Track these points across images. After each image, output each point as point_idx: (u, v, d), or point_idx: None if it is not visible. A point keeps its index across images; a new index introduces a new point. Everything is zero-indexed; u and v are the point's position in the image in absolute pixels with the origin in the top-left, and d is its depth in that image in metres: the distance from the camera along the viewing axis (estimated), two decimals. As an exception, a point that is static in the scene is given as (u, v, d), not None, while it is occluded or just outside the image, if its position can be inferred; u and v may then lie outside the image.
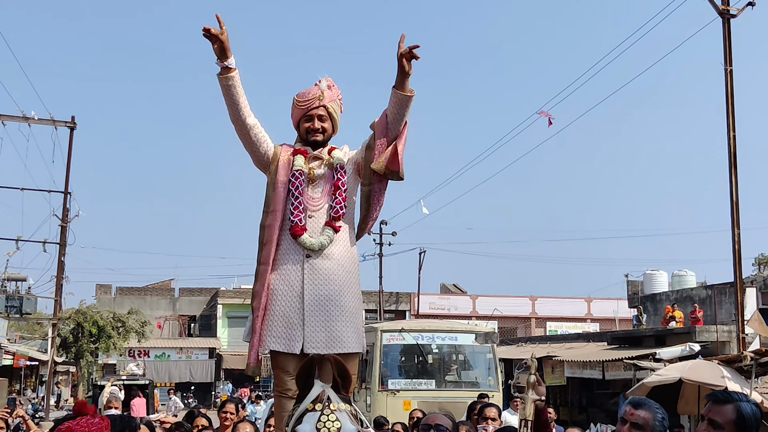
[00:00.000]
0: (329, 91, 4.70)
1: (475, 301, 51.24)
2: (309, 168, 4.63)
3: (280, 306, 4.47)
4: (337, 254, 4.57)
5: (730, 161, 17.69)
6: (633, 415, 3.50)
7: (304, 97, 4.67)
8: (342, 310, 4.47)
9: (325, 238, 4.52)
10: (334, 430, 2.84)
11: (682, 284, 33.72)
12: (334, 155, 4.70)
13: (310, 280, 4.47)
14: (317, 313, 4.42)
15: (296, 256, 4.53)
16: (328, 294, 4.46)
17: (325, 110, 4.68)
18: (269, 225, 4.57)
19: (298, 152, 4.67)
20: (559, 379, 25.71)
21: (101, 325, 40.76)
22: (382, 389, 17.32)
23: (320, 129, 4.68)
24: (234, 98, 4.54)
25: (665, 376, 14.01)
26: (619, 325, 42.49)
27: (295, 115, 4.75)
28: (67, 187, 30.60)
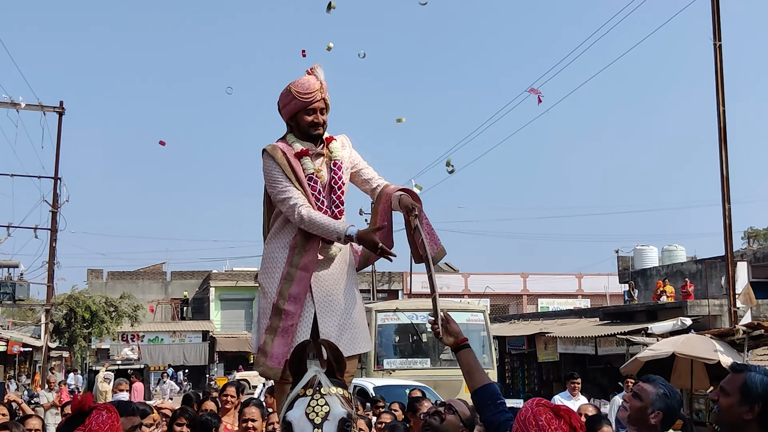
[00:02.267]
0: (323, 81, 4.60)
1: (467, 280, 51.42)
2: (317, 171, 4.57)
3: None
4: (339, 256, 4.59)
5: (720, 136, 17.75)
6: (638, 386, 3.67)
7: (305, 90, 4.52)
8: (350, 313, 4.51)
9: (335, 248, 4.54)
10: (323, 413, 2.84)
11: (672, 259, 33.92)
12: (332, 149, 4.65)
13: (317, 287, 4.47)
14: (329, 320, 4.43)
15: None
16: (336, 300, 4.48)
17: (324, 102, 4.59)
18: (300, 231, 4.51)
19: (303, 154, 4.58)
20: (552, 356, 25.90)
21: (94, 310, 40.75)
22: (378, 369, 17.42)
23: (322, 122, 4.60)
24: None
25: (658, 351, 14.11)
26: (610, 301, 42.72)
27: (293, 107, 4.58)
28: (57, 173, 30.53)
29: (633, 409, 3.59)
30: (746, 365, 3.30)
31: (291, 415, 2.88)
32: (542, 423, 3.00)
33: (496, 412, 3.51)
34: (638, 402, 3.58)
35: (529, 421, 3.03)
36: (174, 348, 46.72)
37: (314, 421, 2.82)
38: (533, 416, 3.04)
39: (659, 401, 3.54)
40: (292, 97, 4.56)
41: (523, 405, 3.21)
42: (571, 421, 3.03)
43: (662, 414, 3.53)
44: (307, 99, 4.53)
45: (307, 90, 4.52)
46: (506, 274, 51.87)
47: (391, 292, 50.75)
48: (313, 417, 2.83)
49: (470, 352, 3.75)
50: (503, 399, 3.61)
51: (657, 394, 3.56)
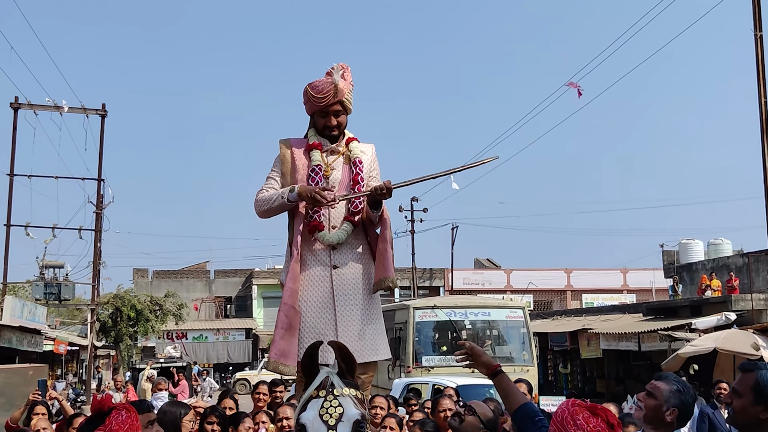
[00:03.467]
0: (343, 81, 4.59)
1: (510, 276, 51.11)
2: (326, 164, 4.59)
3: (310, 317, 4.47)
4: (362, 262, 4.60)
5: (762, 128, 17.40)
6: (651, 384, 3.64)
7: (318, 93, 4.57)
8: (371, 319, 4.51)
9: (342, 233, 4.51)
10: (337, 415, 2.84)
11: (718, 253, 33.36)
12: (351, 148, 4.67)
13: (340, 293, 4.48)
14: (349, 324, 4.44)
15: (323, 262, 4.53)
16: (356, 304, 4.48)
17: (340, 105, 4.61)
18: (295, 226, 4.57)
19: (313, 147, 4.63)
20: (594, 352, 25.63)
21: (139, 309, 41.23)
22: (416, 366, 17.37)
23: (336, 125, 4.63)
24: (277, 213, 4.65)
25: (700, 347, 13.93)
26: (656, 296, 42.20)
27: (309, 108, 4.68)
28: (101, 174, 30.91)
29: (648, 407, 3.56)
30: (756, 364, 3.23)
31: (305, 417, 2.87)
32: (580, 422, 3.03)
33: (535, 429, 3.53)
34: (652, 400, 3.55)
35: (567, 421, 3.05)
36: (218, 346, 47.22)
37: (328, 423, 2.82)
38: (570, 416, 3.06)
39: (673, 398, 3.52)
40: (307, 98, 4.64)
41: (557, 407, 3.23)
42: (608, 419, 3.04)
43: (677, 411, 3.50)
44: (321, 102, 4.57)
45: (320, 93, 4.57)
46: (549, 269, 51.45)
47: (432, 288, 50.67)
48: (327, 418, 2.82)
49: (504, 377, 3.74)
50: (541, 415, 3.63)
51: (671, 391, 3.53)
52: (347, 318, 4.45)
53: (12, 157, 29.23)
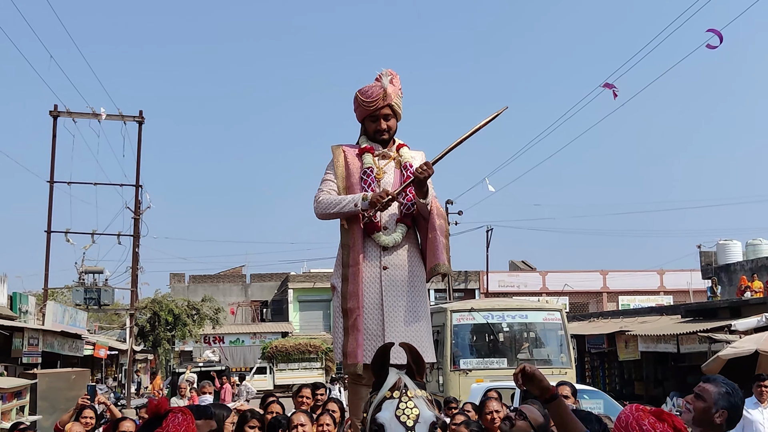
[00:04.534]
0: (392, 86, 4.70)
1: (545, 278, 50.84)
2: (378, 167, 4.68)
3: (362, 319, 4.54)
4: (412, 266, 4.65)
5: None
6: (700, 387, 3.63)
7: (368, 97, 4.68)
8: (418, 320, 4.56)
9: (398, 235, 4.60)
10: (414, 416, 2.90)
11: (756, 253, 32.94)
12: (402, 153, 4.76)
13: (389, 290, 4.55)
14: (396, 324, 4.50)
15: (374, 265, 4.60)
16: (405, 305, 4.54)
17: (389, 109, 4.70)
18: (351, 227, 4.64)
19: (365, 150, 4.73)
20: (633, 354, 25.41)
21: (176, 314, 41.61)
22: (454, 369, 17.37)
23: (386, 128, 4.73)
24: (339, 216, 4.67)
25: (741, 348, 13.78)
26: (694, 297, 41.72)
27: (359, 113, 4.80)
28: (138, 180, 31.32)
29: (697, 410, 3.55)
30: None
31: (381, 417, 2.95)
32: (646, 427, 3.02)
33: None
34: (701, 403, 3.54)
35: (632, 426, 3.04)
36: (255, 349, 47.42)
37: (406, 424, 2.89)
38: (636, 421, 3.05)
39: (722, 400, 3.51)
40: (357, 104, 4.76)
41: (621, 412, 3.20)
42: (674, 424, 3.03)
43: (727, 412, 3.49)
44: (371, 106, 4.68)
45: (370, 98, 4.68)
46: (585, 271, 51.04)
47: (467, 291, 50.53)
48: (405, 420, 2.90)
49: (561, 403, 3.51)
50: None
51: (720, 393, 3.52)
52: (394, 319, 4.50)
53: (52, 164, 29.74)
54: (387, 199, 4.44)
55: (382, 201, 4.42)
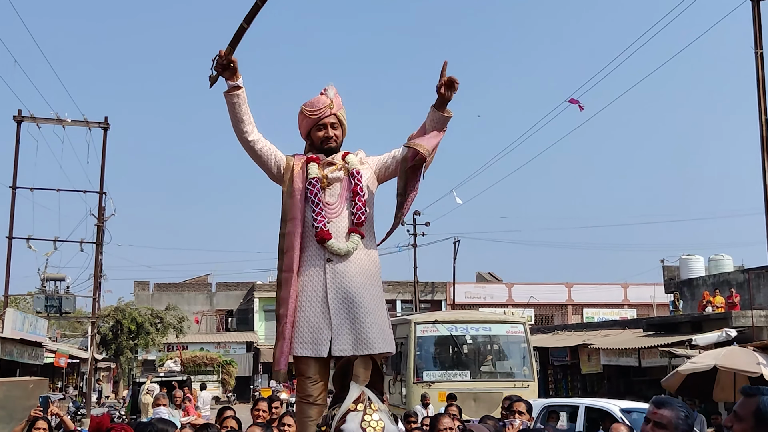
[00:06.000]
0: (337, 99, 4.80)
1: (511, 290, 51.05)
2: (323, 174, 4.68)
3: (305, 312, 4.53)
4: (358, 257, 4.62)
5: (762, 144, 17.46)
6: (656, 414, 3.50)
7: (313, 107, 4.75)
8: (366, 312, 4.48)
9: (351, 244, 4.58)
10: (380, 428, 2.92)
11: (719, 268, 33.33)
12: (348, 160, 4.77)
13: (333, 285, 4.52)
14: (343, 316, 4.46)
15: (318, 261, 4.59)
16: (351, 297, 4.50)
17: (335, 118, 4.78)
18: (289, 233, 4.64)
19: (311, 160, 4.74)
20: (595, 367, 25.59)
21: (140, 322, 41.28)
22: (417, 381, 17.39)
23: (333, 137, 4.77)
24: (238, 115, 4.66)
25: (700, 364, 13.89)
26: (657, 311, 42.11)
27: (305, 125, 4.84)
28: (102, 187, 31.03)
29: None
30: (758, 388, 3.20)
31: (347, 429, 2.95)
32: None
33: None
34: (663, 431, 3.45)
35: None
36: (219, 359, 47.18)
37: None
38: None
39: (683, 424, 3.44)
40: (303, 116, 4.82)
41: None
42: None
43: None
44: (316, 115, 4.75)
45: (315, 107, 4.75)
46: (551, 283, 51.36)
47: (434, 302, 50.60)
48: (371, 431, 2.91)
49: None
50: None
51: (679, 418, 3.43)
52: (340, 310, 4.47)
53: (14, 169, 29.35)
54: (222, 56, 4.50)
55: (220, 59, 4.49)
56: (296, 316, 4.54)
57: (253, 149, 4.76)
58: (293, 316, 4.53)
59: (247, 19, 4.51)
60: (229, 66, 4.54)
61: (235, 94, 4.61)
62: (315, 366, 4.45)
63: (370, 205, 4.81)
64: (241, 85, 4.63)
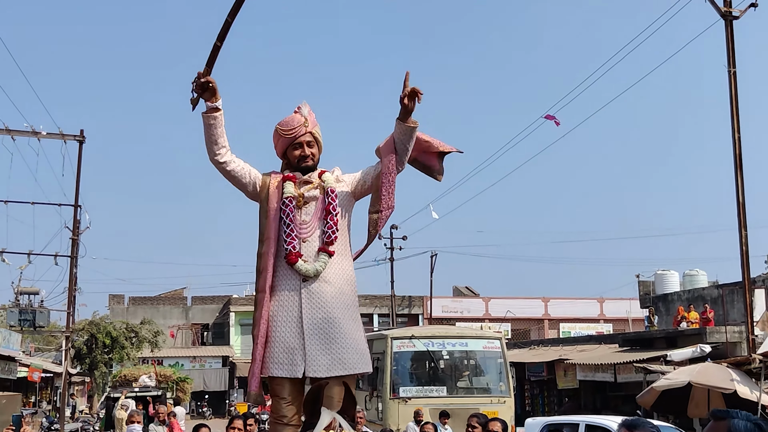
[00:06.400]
0: (311, 116, 4.79)
1: (488, 304, 51.16)
2: (299, 193, 4.68)
3: (279, 332, 4.52)
4: (334, 277, 4.61)
5: (735, 163, 17.62)
6: None
7: (288, 126, 4.75)
8: (342, 333, 4.49)
9: (320, 265, 4.56)
10: None
11: (693, 284, 33.56)
12: (324, 179, 4.76)
13: (308, 305, 4.51)
14: (317, 337, 4.45)
15: (293, 282, 4.58)
16: (326, 317, 4.49)
17: (311, 136, 4.76)
18: (265, 253, 4.63)
19: (287, 179, 4.73)
20: (571, 383, 25.70)
21: (114, 336, 40.93)
22: (394, 397, 17.32)
23: (310, 155, 4.77)
24: (213, 137, 4.65)
25: (674, 380, 13.99)
26: (632, 326, 42.36)
27: (281, 144, 4.83)
28: (78, 200, 30.73)
29: None
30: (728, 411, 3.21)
31: None
32: None
33: None
34: None
35: None
36: (194, 373, 46.83)
37: None
38: None
39: None
40: (278, 135, 4.81)
41: None
42: None
43: None
44: (291, 134, 4.75)
45: (290, 126, 4.75)
46: (527, 298, 51.54)
47: (411, 316, 50.60)
48: None
49: None
50: None
51: None
52: (315, 331, 4.46)
53: (-12, 182, 29.07)
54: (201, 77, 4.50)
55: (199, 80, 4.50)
56: (269, 336, 4.54)
57: (226, 171, 4.76)
58: (265, 337, 4.53)
59: (219, 37, 4.52)
60: (207, 86, 4.53)
61: (212, 115, 4.60)
62: (289, 387, 4.45)
63: (346, 223, 4.80)
64: (220, 107, 4.62)
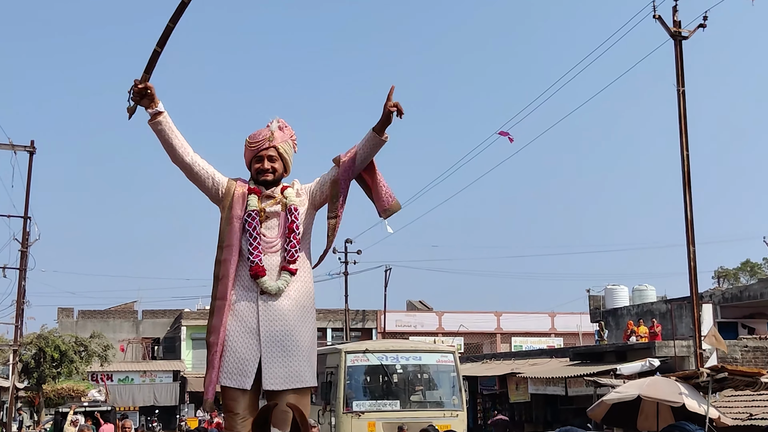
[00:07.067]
0: (280, 132, 4.78)
1: (441, 318, 51.35)
2: (261, 208, 4.67)
3: (234, 342, 4.50)
4: (292, 291, 4.62)
5: (684, 180, 17.99)
6: None
7: (254, 139, 4.76)
8: (298, 346, 4.51)
9: (282, 283, 4.57)
10: None
11: (642, 298, 34.14)
12: (287, 195, 4.76)
13: (266, 317, 4.51)
14: (275, 349, 4.46)
15: (251, 293, 4.58)
16: (284, 330, 4.50)
17: (275, 151, 4.75)
18: (225, 260, 4.61)
19: (252, 191, 4.73)
20: (523, 396, 25.90)
21: (63, 350, 40.16)
22: (347, 411, 17.33)
23: (270, 169, 4.74)
24: (168, 140, 4.65)
25: (624, 393, 14.18)
26: (583, 340, 42.84)
27: (247, 156, 4.83)
28: (27, 212, 30.29)
29: None
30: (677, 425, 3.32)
31: None
32: None
33: None
34: None
35: None
36: (144, 388, 46.19)
37: None
38: None
39: None
40: (245, 147, 4.83)
41: None
42: None
43: None
44: (255, 147, 4.76)
45: (255, 139, 4.77)
46: (480, 312, 51.84)
47: (364, 330, 50.59)
48: None
49: None
50: None
51: None
52: (272, 343, 4.46)
53: (-64, 193, 28.54)
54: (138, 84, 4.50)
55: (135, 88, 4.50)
56: (225, 345, 4.51)
57: (189, 171, 4.74)
58: (222, 345, 4.50)
59: (159, 43, 4.50)
60: (146, 93, 4.52)
61: (158, 121, 4.59)
62: (243, 402, 4.43)
63: (307, 240, 4.82)
64: (163, 110, 4.60)
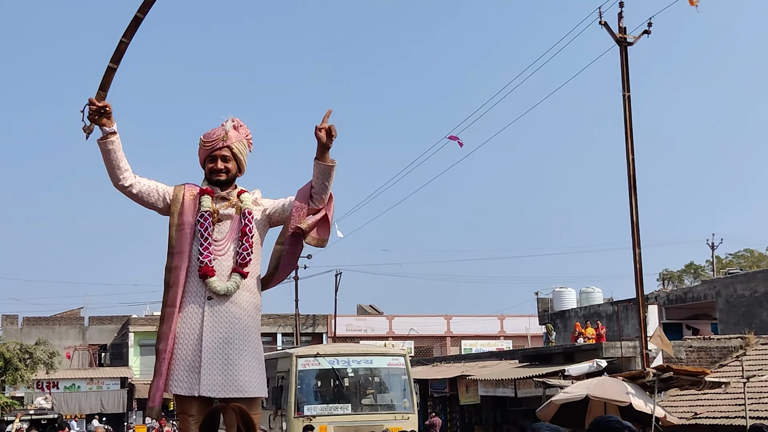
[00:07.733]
0: (234, 132, 4.73)
1: (392, 322, 51.49)
2: (214, 209, 4.64)
3: (181, 349, 4.48)
4: (240, 299, 4.59)
5: (629, 184, 18.31)
6: None
7: (208, 138, 4.70)
8: (241, 354, 4.48)
9: (232, 284, 4.54)
10: None
11: (589, 301, 34.63)
12: (243, 198, 4.72)
13: (210, 323, 4.48)
14: (215, 356, 4.43)
15: (198, 298, 4.54)
16: (226, 337, 4.47)
17: (229, 151, 4.70)
18: (176, 267, 4.57)
19: (204, 192, 4.69)
20: (473, 398, 26.07)
21: (7, 357, 39.39)
22: (298, 415, 17.30)
23: (223, 169, 4.70)
24: (114, 162, 4.56)
25: (572, 394, 14.41)
26: (531, 342, 43.28)
27: (201, 156, 4.78)
28: (-30, 217, 29.74)
29: None
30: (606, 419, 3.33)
31: None
32: None
33: None
34: None
35: None
36: (91, 396, 45.49)
37: None
38: None
39: None
40: (200, 146, 4.78)
41: None
42: None
43: None
44: (208, 146, 4.71)
45: (209, 138, 4.72)
46: (430, 316, 52.10)
47: (315, 335, 50.50)
48: None
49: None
50: None
51: None
52: (213, 350, 4.44)
53: None
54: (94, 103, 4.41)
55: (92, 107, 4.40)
56: (174, 352, 4.49)
57: (132, 194, 4.68)
58: (171, 353, 4.47)
59: (114, 59, 4.44)
60: (104, 112, 4.43)
61: (109, 140, 4.51)
62: (196, 405, 4.42)
63: (258, 248, 4.76)
64: (116, 131, 4.52)
